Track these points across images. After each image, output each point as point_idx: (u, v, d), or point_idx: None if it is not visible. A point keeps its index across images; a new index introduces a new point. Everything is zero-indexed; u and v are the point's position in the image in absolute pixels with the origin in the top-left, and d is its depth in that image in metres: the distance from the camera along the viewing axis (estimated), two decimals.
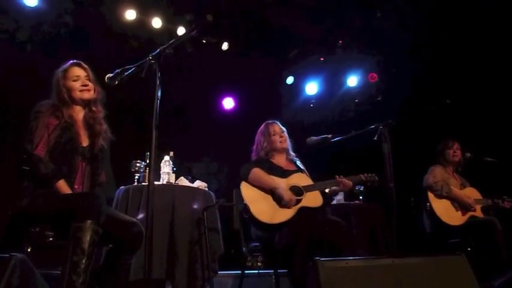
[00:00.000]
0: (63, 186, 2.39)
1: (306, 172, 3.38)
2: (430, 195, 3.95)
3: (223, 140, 5.73)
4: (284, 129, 3.47)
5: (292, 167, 3.37)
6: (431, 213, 3.89)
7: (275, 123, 3.48)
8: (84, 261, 2.08)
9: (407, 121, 3.27)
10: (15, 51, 4.57)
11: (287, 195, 3.07)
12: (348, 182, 3.27)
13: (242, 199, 3.08)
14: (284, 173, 3.25)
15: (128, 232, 2.44)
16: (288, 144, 3.43)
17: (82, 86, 2.60)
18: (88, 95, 2.61)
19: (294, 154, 3.48)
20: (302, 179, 3.25)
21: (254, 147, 3.49)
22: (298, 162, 3.45)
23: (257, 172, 3.16)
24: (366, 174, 3.35)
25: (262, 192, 3.10)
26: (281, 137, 3.40)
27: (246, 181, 3.16)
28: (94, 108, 2.66)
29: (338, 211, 4.22)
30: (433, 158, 4.35)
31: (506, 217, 4.07)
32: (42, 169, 2.35)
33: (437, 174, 4.11)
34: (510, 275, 3.37)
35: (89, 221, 2.14)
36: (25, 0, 4.61)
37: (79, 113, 2.64)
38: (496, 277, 3.39)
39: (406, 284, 2.19)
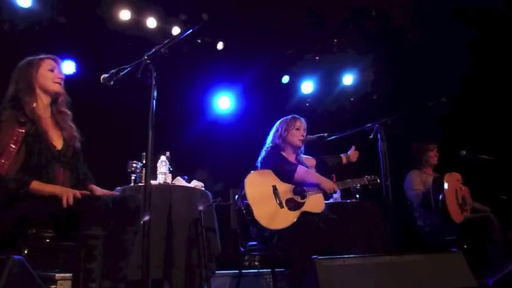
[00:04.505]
0: (38, 186, 2.24)
1: None
2: (447, 185, 3.87)
3: (219, 139, 5.73)
4: (306, 129, 3.44)
5: None
6: (442, 204, 3.82)
7: (302, 119, 3.44)
8: (96, 265, 2.09)
9: (403, 119, 3.30)
10: (8, 52, 4.55)
11: (328, 187, 3.12)
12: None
13: (245, 197, 3.01)
14: None
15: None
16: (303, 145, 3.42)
17: (57, 77, 2.51)
18: (58, 89, 2.52)
19: (303, 156, 3.47)
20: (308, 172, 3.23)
21: (272, 132, 3.45)
22: (305, 164, 3.44)
23: (301, 171, 3.16)
24: (368, 177, 3.34)
25: (266, 194, 3.03)
26: (302, 135, 3.37)
27: (293, 180, 3.12)
28: (62, 109, 2.56)
29: (335, 209, 4.22)
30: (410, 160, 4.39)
31: (501, 213, 4.10)
32: (10, 185, 2.19)
33: (416, 182, 4.16)
34: (506, 271, 3.39)
35: (99, 228, 2.12)
36: (18, 1, 4.59)
37: (45, 109, 2.50)
38: (492, 274, 3.41)
39: (403, 281, 2.20)
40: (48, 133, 2.43)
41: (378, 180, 3.30)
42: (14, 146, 2.24)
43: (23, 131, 2.29)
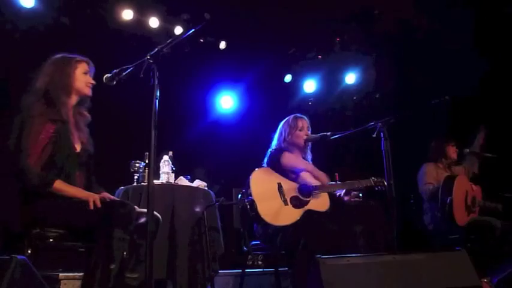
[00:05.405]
0: (62, 186, 2.28)
1: None
2: (456, 187, 3.84)
3: (222, 138, 5.73)
4: (310, 127, 3.44)
5: None
6: (449, 208, 3.79)
7: (304, 118, 3.44)
8: (115, 268, 2.12)
9: (406, 118, 3.29)
10: (11, 52, 4.56)
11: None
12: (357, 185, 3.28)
13: (249, 193, 3.01)
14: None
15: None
16: (309, 143, 3.42)
17: (89, 82, 2.56)
18: (89, 92, 2.57)
19: (311, 155, 3.47)
20: (313, 178, 3.23)
21: (276, 135, 3.46)
22: (311, 163, 3.44)
23: (288, 155, 3.18)
24: (375, 179, 3.33)
25: (271, 191, 3.03)
26: (306, 134, 3.37)
27: (279, 163, 3.14)
28: (84, 112, 2.61)
29: (338, 208, 4.21)
30: (428, 154, 4.39)
31: (506, 211, 4.09)
32: (33, 180, 2.22)
33: (430, 176, 4.13)
34: (510, 270, 3.38)
35: (121, 231, 2.16)
36: (21, 1, 4.60)
37: (70, 110, 2.53)
38: (497, 273, 3.41)
39: (407, 280, 2.20)
40: (72, 135, 2.47)
41: (385, 183, 3.27)
42: (43, 143, 2.28)
43: (53, 129, 2.33)
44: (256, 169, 3.14)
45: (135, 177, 3.64)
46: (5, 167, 2.34)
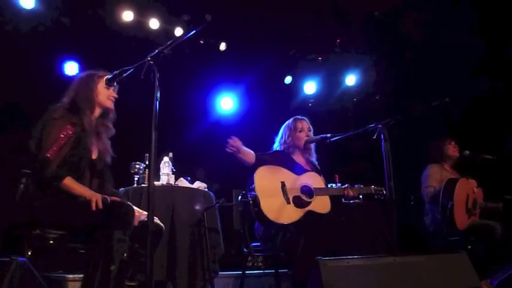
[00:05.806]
0: (71, 183, 2.37)
1: (322, 175, 3.36)
2: (457, 191, 3.82)
3: (222, 140, 5.72)
4: (311, 128, 3.45)
5: (309, 167, 3.36)
6: (450, 212, 3.77)
7: (304, 119, 3.45)
8: (115, 269, 2.15)
9: (406, 119, 3.28)
10: (12, 53, 4.56)
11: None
12: (352, 193, 3.26)
13: (253, 189, 3.00)
14: (299, 171, 3.22)
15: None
16: (312, 144, 3.42)
17: (112, 95, 2.67)
18: (111, 105, 2.69)
19: (315, 155, 3.47)
20: (315, 180, 3.22)
21: (277, 138, 3.48)
22: (317, 164, 3.44)
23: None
24: (375, 187, 3.33)
25: (274, 188, 3.03)
26: (307, 135, 3.38)
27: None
28: (108, 124, 2.73)
29: (338, 210, 4.21)
30: (429, 156, 4.37)
31: (506, 213, 4.09)
32: (48, 173, 2.32)
33: (433, 178, 4.10)
34: (510, 272, 3.38)
35: (122, 232, 2.21)
36: (21, 2, 4.60)
37: (91, 121, 2.64)
38: (497, 274, 3.40)
39: (407, 282, 2.20)
40: (91, 142, 2.57)
41: (384, 192, 3.27)
42: (61, 142, 2.40)
43: (72, 131, 2.46)
44: (262, 166, 3.13)
45: (136, 178, 3.64)
46: (5, 169, 2.37)
